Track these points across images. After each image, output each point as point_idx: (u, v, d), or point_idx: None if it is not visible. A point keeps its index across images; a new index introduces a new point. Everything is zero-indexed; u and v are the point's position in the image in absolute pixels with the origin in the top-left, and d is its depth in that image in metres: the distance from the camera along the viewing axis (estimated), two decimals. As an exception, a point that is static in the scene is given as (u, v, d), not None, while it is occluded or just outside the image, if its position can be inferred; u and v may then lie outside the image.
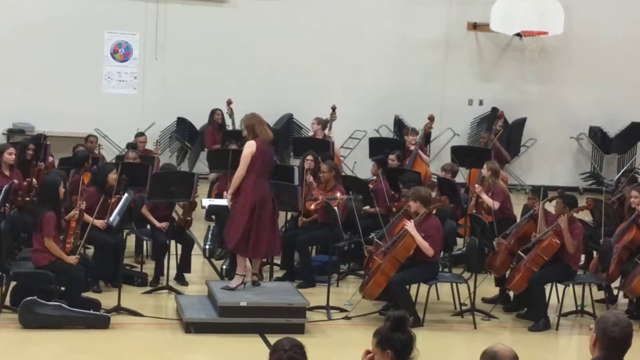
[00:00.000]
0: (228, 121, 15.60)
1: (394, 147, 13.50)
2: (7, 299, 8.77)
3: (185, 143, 16.88)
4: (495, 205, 10.71)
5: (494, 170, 11.27)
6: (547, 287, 9.64)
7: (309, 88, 17.15)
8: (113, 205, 9.76)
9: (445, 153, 16.78)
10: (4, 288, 8.71)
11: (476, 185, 11.22)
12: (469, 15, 18.19)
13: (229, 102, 15.36)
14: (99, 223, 9.58)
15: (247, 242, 8.77)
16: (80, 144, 13.15)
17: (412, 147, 13.57)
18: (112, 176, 9.90)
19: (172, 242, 10.27)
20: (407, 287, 9.35)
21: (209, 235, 11.82)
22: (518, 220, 10.68)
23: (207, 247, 11.66)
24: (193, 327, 8.62)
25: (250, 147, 8.80)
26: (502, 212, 10.81)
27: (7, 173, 10.75)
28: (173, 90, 16.90)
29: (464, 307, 9.67)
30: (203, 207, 10.99)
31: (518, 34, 17.40)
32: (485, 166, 11.50)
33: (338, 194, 10.31)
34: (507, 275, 9.80)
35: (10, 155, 10.81)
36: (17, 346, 8.09)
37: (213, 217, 12.21)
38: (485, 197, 10.87)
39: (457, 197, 11.33)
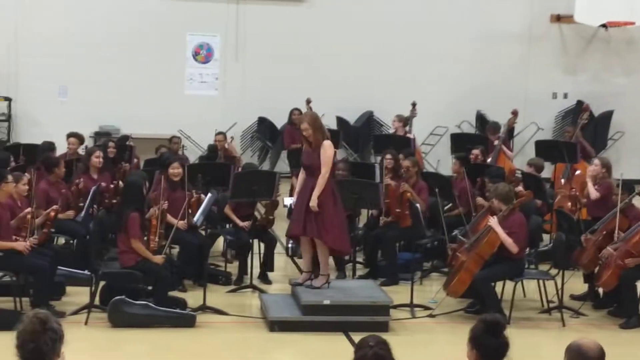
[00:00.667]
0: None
1: (476, 142, 13.38)
2: (97, 298, 8.97)
3: (266, 142, 17.02)
4: (595, 195, 10.47)
5: (608, 167, 10.99)
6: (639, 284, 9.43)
7: (389, 85, 17.11)
8: (194, 205, 9.91)
9: (529, 148, 16.56)
10: (93, 288, 8.91)
11: (591, 168, 10.97)
12: (552, 7, 17.92)
13: (309, 101, 15.43)
14: (181, 224, 9.72)
15: (346, 238, 9.08)
16: (163, 145, 13.40)
17: (496, 143, 13.41)
18: (174, 171, 10.06)
19: (255, 241, 10.36)
20: (493, 284, 9.26)
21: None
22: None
23: (289, 245, 11.73)
24: (277, 326, 8.68)
25: (331, 147, 8.80)
26: (600, 209, 10.50)
27: (94, 176, 11.01)
28: (253, 90, 17.06)
29: (551, 305, 9.53)
30: (285, 206, 11.05)
31: (603, 25, 17.06)
32: (597, 161, 11.23)
33: None
34: (595, 272, 9.62)
35: (97, 159, 11.08)
36: (106, 344, 8.27)
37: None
38: (590, 186, 10.61)
39: (542, 192, 11.17)
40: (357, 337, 7.75)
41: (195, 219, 9.44)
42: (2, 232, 8.69)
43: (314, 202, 8.58)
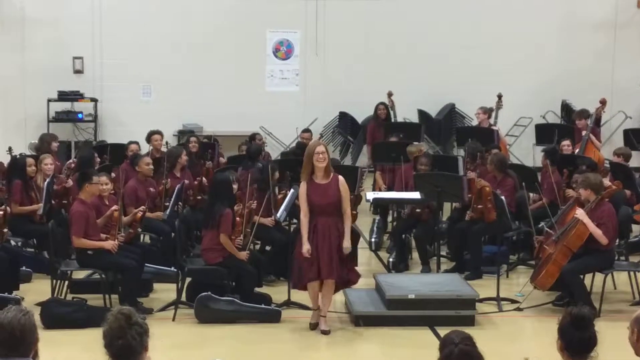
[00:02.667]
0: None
1: (562, 132, 13.17)
2: (183, 295, 9.11)
3: (347, 137, 17.02)
4: None
5: None
6: None
7: (470, 76, 16.93)
8: (279, 202, 9.97)
9: (617, 137, 16.23)
10: (179, 285, 9.05)
11: None
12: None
13: (390, 94, 15.38)
14: (267, 221, 9.80)
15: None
16: (244, 143, 13.52)
17: (584, 132, 13.16)
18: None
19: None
20: (582, 276, 9.10)
21: (375, 229, 11.91)
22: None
23: (373, 240, 11.73)
24: (362, 320, 8.69)
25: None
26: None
27: (177, 174, 11.17)
28: (334, 85, 17.07)
29: (643, 297, 9.36)
30: (367, 201, 11.05)
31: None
32: None
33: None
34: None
35: (184, 157, 11.27)
36: (194, 340, 8.39)
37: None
38: None
39: (632, 182, 10.94)
40: (442, 331, 7.71)
41: (278, 215, 9.50)
42: (90, 231, 8.90)
43: (348, 244, 8.24)
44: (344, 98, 17.00)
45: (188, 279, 9.20)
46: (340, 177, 8.38)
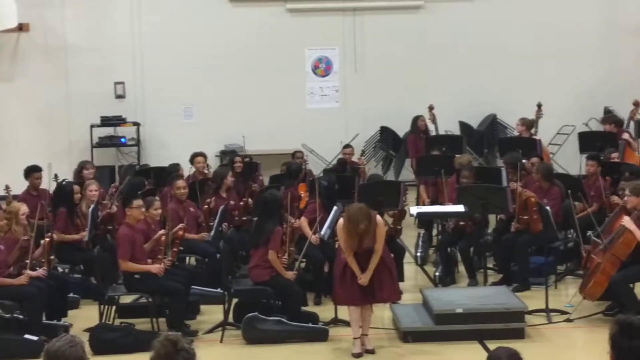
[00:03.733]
0: (431, 127, 15.54)
1: (605, 139, 13.01)
2: (230, 316, 9.11)
3: (389, 152, 16.97)
4: None
5: None
6: None
7: (511, 86, 16.82)
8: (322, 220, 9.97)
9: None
10: (226, 306, 9.05)
11: None
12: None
13: (431, 108, 15.31)
14: (313, 238, 9.79)
15: None
16: (287, 161, 13.53)
17: (625, 136, 12.98)
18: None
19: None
20: (631, 285, 8.95)
21: (420, 243, 11.84)
22: None
23: (418, 254, 11.66)
24: (410, 336, 8.63)
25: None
26: None
27: (223, 194, 11.21)
28: (374, 100, 17.05)
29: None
30: (411, 215, 11.00)
31: None
32: None
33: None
34: None
35: (230, 177, 11.32)
36: (242, 361, 8.39)
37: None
38: None
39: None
40: (492, 345, 7.64)
41: (322, 232, 9.48)
42: (137, 254, 8.95)
43: (365, 280, 8.19)
44: (384, 112, 16.96)
45: (235, 300, 9.20)
46: (378, 219, 8.36)
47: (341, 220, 8.30)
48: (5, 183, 11.68)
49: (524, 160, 11.38)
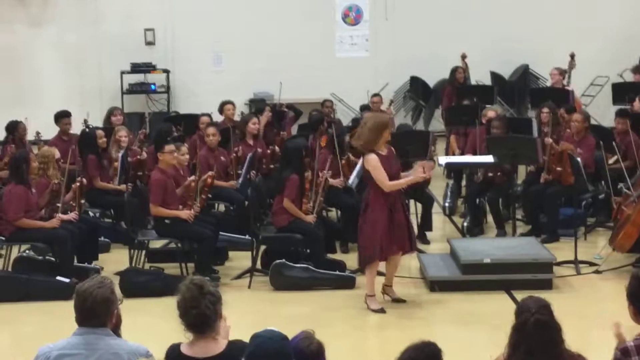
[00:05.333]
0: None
1: (637, 90, 12.82)
2: (258, 262, 9.16)
3: (419, 102, 16.87)
4: None
5: None
6: None
7: (543, 36, 16.59)
8: (344, 166, 9.98)
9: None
10: (254, 252, 9.11)
11: None
12: None
13: (464, 57, 15.16)
14: (337, 182, 9.79)
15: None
16: (315, 110, 13.47)
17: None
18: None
19: (412, 202, 10.30)
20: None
21: (448, 193, 11.81)
22: None
23: (446, 204, 11.64)
24: (437, 285, 8.65)
25: None
26: None
27: (250, 142, 11.22)
28: (404, 49, 16.89)
29: None
30: (440, 165, 10.95)
31: None
32: None
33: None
34: None
35: (254, 125, 11.29)
36: (269, 307, 8.44)
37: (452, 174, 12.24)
38: None
39: None
40: (519, 295, 7.62)
41: (350, 181, 9.47)
42: (169, 199, 9.00)
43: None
44: (415, 62, 16.82)
45: (262, 247, 9.26)
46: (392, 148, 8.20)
47: (371, 157, 7.95)
48: (36, 129, 11.79)
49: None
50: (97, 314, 4.32)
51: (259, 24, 16.85)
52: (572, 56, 14.16)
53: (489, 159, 10.10)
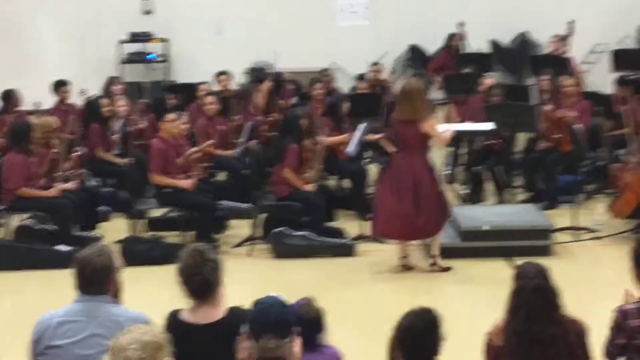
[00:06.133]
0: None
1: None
2: (259, 231, 9.17)
3: (418, 70, 16.80)
4: None
5: None
6: None
7: (543, 2, 16.48)
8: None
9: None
10: (255, 221, 9.11)
11: None
12: None
13: (462, 24, 15.07)
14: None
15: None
16: (315, 79, 13.43)
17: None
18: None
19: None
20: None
21: (448, 161, 11.80)
22: None
23: (447, 172, 11.63)
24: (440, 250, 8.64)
25: None
26: None
27: (251, 110, 11.18)
28: (404, 17, 16.78)
29: None
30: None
31: None
32: None
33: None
34: None
35: (258, 92, 11.27)
36: (270, 274, 8.47)
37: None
38: None
39: None
40: (519, 261, 7.63)
41: (349, 148, 9.45)
42: (170, 168, 9.00)
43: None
44: (414, 31, 16.72)
45: (263, 215, 9.26)
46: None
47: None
48: (35, 98, 11.77)
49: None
50: (97, 282, 4.32)
51: (259, -7, 16.78)
52: (571, 22, 14.09)
53: (488, 126, 10.07)
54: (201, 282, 4.36)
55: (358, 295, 7.97)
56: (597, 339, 4.56)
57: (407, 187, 8.02)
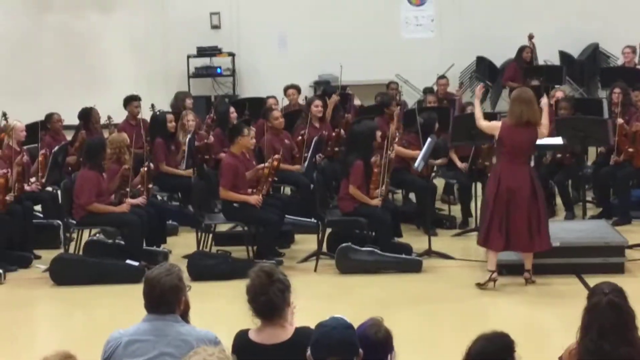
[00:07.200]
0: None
1: None
2: (324, 246, 9.16)
3: (486, 82, 16.65)
4: None
5: None
6: None
7: (615, 14, 16.22)
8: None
9: None
10: (320, 235, 9.10)
11: None
12: None
13: (531, 37, 14.93)
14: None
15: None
16: (381, 92, 13.39)
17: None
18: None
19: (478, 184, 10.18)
20: None
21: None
22: None
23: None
24: (505, 269, 8.52)
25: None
26: None
27: (316, 125, 11.19)
28: (470, 29, 16.68)
29: None
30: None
31: None
32: None
33: None
34: None
35: (317, 108, 11.24)
36: (336, 290, 8.43)
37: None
38: None
39: None
40: (590, 280, 7.52)
41: (416, 164, 9.38)
42: (239, 183, 9.03)
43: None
44: (481, 42, 16.60)
45: (328, 230, 9.25)
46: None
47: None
48: (105, 113, 11.94)
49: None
50: (166, 302, 4.35)
51: (323, 5, 16.82)
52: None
53: (557, 140, 9.92)
54: (266, 303, 4.37)
55: (427, 313, 7.89)
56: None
57: (523, 196, 7.99)
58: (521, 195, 8.00)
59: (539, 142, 8.75)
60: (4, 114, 10.70)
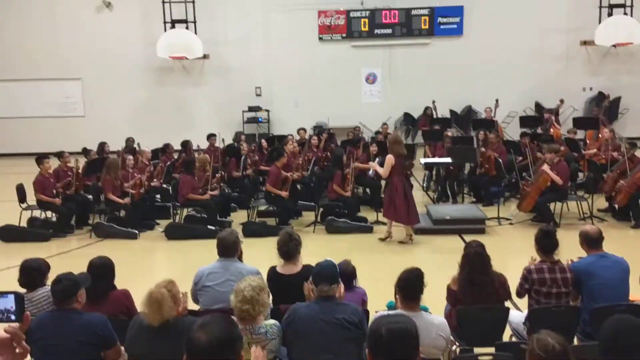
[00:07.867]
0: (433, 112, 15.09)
1: (534, 122, 12.39)
2: (319, 217, 9.02)
3: (409, 126, 16.50)
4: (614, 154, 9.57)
5: (614, 132, 10.02)
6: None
7: (481, 90, 16.20)
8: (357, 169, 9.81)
9: (569, 121, 15.29)
10: (316, 211, 8.98)
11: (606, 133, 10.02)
12: (580, 35, 16.29)
13: (434, 102, 14.88)
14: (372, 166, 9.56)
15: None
16: (352, 132, 13.34)
17: (547, 116, 12.39)
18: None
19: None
20: (549, 204, 8.64)
21: (425, 179, 11.61)
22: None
23: (424, 185, 11.44)
24: (419, 231, 8.46)
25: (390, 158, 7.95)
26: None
27: (315, 150, 11.05)
28: (401, 97, 16.62)
29: (585, 215, 8.80)
30: (421, 164, 10.73)
31: (613, 45, 15.36)
32: (607, 129, 10.29)
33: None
34: (612, 195, 8.77)
35: (314, 141, 11.14)
36: (326, 242, 8.30)
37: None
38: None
39: (578, 148, 10.28)
40: (467, 237, 7.47)
41: (370, 172, 9.28)
42: (278, 184, 8.84)
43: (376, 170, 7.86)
44: (406, 105, 16.58)
45: (321, 210, 9.17)
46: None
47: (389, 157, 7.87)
48: (197, 143, 11.89)
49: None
50: (229, 250, 4.33)
51: (319, 81, 16.77)
52: (497, 100, 13.80)
53: (448, 160, 9.90)
54: (287, 251, 4.34)
55: (375, 257, 7.84)
56: (513, 284, 4.43)
57: (408, 192, 7.92)
58: (406, 194, 7.86)
59: (437, 160, 8.69)
60: (139, 144, 10.63)
